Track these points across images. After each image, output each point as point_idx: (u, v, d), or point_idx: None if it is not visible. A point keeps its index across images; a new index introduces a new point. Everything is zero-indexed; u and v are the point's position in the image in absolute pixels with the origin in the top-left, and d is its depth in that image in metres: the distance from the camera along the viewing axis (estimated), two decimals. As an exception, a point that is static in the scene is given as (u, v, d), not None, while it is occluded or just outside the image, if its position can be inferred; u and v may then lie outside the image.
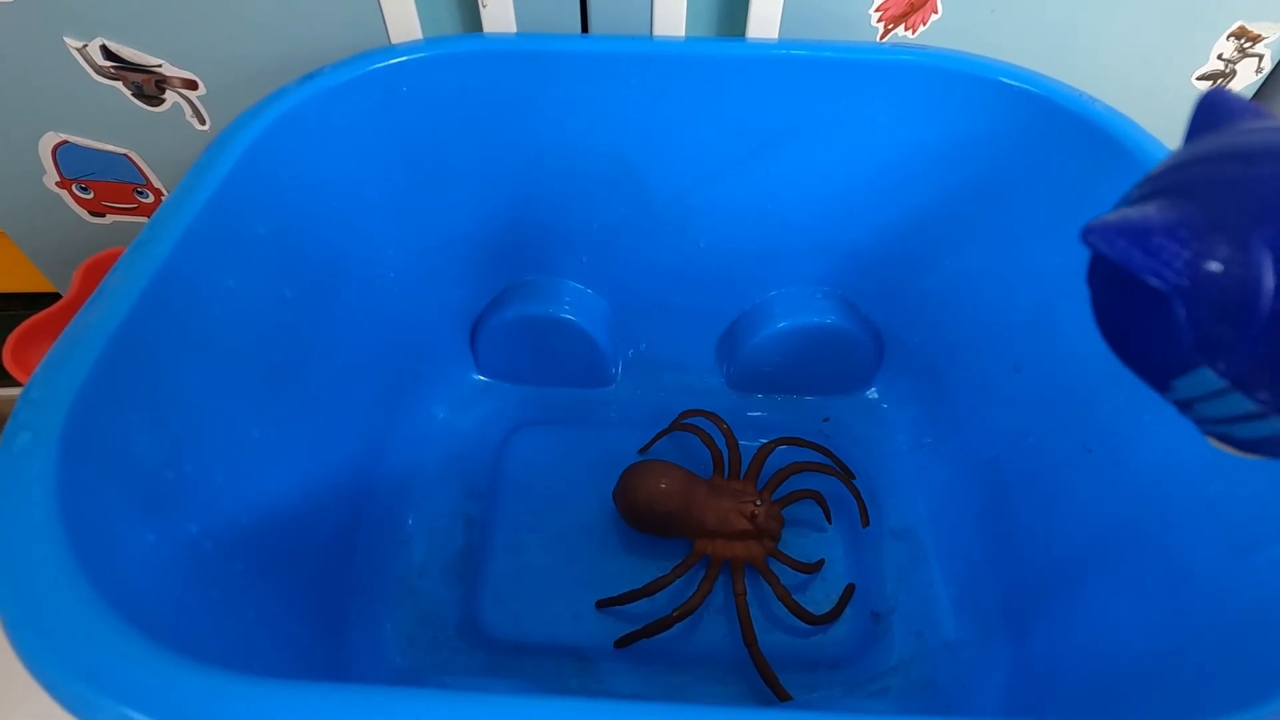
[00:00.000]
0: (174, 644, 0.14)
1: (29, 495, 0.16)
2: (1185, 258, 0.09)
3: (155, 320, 0.21)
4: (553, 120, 0.33)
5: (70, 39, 0.36)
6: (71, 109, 0.39)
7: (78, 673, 0.13)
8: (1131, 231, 0.09)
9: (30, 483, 0.16)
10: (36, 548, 0.15)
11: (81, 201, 0.44)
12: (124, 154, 0.41)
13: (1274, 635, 0.18)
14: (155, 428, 0.20)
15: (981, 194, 0.32)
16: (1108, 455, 0.26)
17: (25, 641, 0.14)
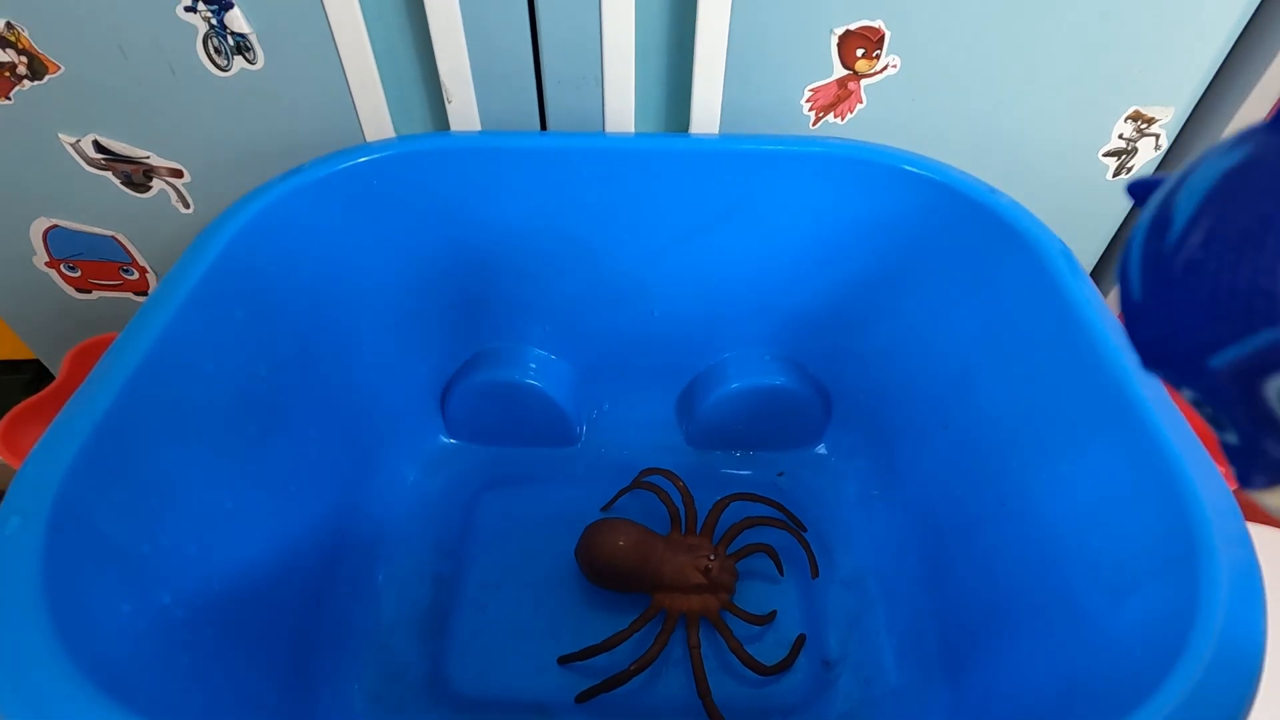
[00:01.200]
0: (146, 710, 0.16)
1: (16, 576, 0.17)
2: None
3: (137, 407, 0.23)
4: (515, 205, 0.36)
5: (65, 135, 0.38)
6: (63, 196, 0.41)
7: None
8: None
9: (18, 564, 0.18)
10: (21, 625, 0.17)
11: (69, 280, 0.46)
12: (112, 236, 0.44)
13: (1146, 660, 0.20)
14: (134, 506, 0.22)
15: (902, 266, 0.35)
16: (1018, 508, 0.28)
17: (11, 712, 0.15)
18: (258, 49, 0.35)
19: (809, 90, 0.39)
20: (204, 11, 0.34)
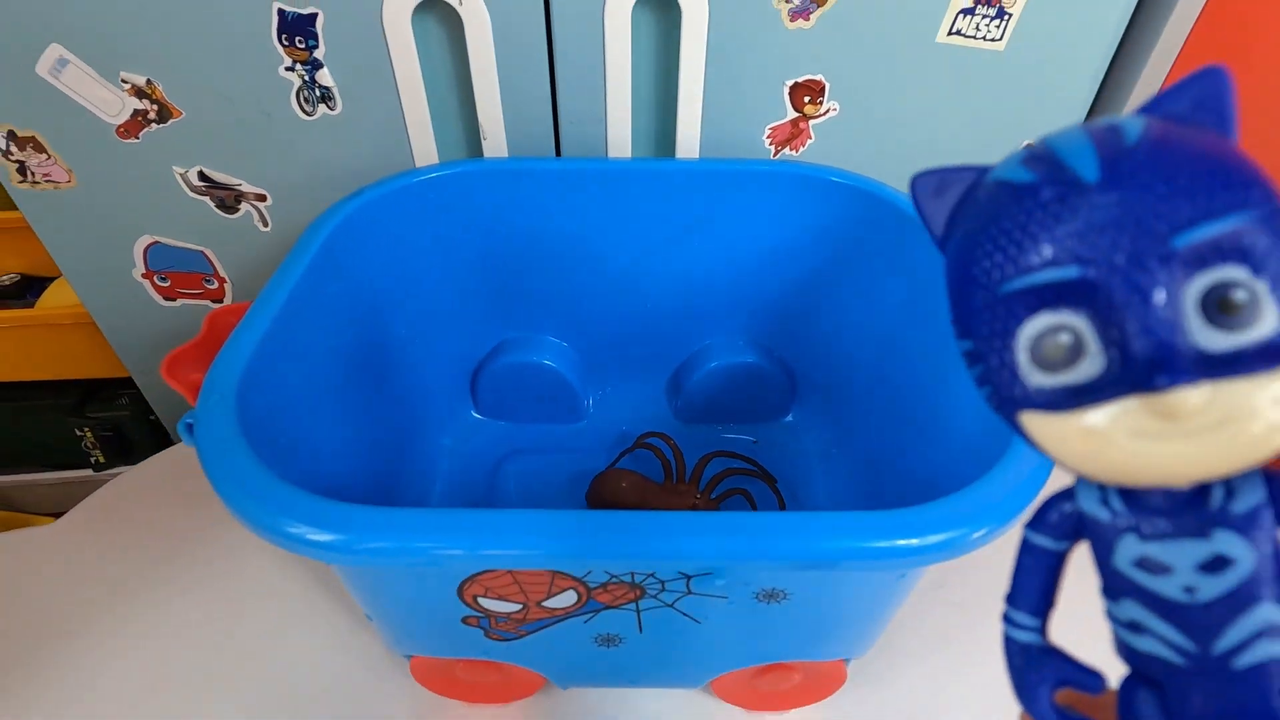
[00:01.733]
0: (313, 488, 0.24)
1: (225, 423, 0.26)
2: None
3: (275, 344, 0.31)
4: (535, 216, 0.46)
5: (177, 167, 0.48)
6: (166, 218, 0.51)
7: (261, 508, 0.23)
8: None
9: (224, 416, 0.26)
10: (231, 450, 0.25)
11: (159, 289, 0.55)
12: (200, 250, 0.53)
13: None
14: (278, 408, 0.31)
15: (839, 259, 0.45)
16: (932, 433, 0.37)
17: (236, 501, 0.24)
18: (338, 98, 0.46)
19: (769, 129, 0.49)
20: (300, 70, 0.44)
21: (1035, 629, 0.11)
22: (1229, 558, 0.08)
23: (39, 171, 0.48)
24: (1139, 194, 0.08)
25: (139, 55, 0.43)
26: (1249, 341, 0.08)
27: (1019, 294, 0.09)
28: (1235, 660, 0.08)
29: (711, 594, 0.28)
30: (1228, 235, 0.08)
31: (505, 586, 0.28)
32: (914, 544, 0.23)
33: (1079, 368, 0.09)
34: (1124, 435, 0.08)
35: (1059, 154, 0.09)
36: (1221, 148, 0.08)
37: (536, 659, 0.33)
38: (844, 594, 0.29)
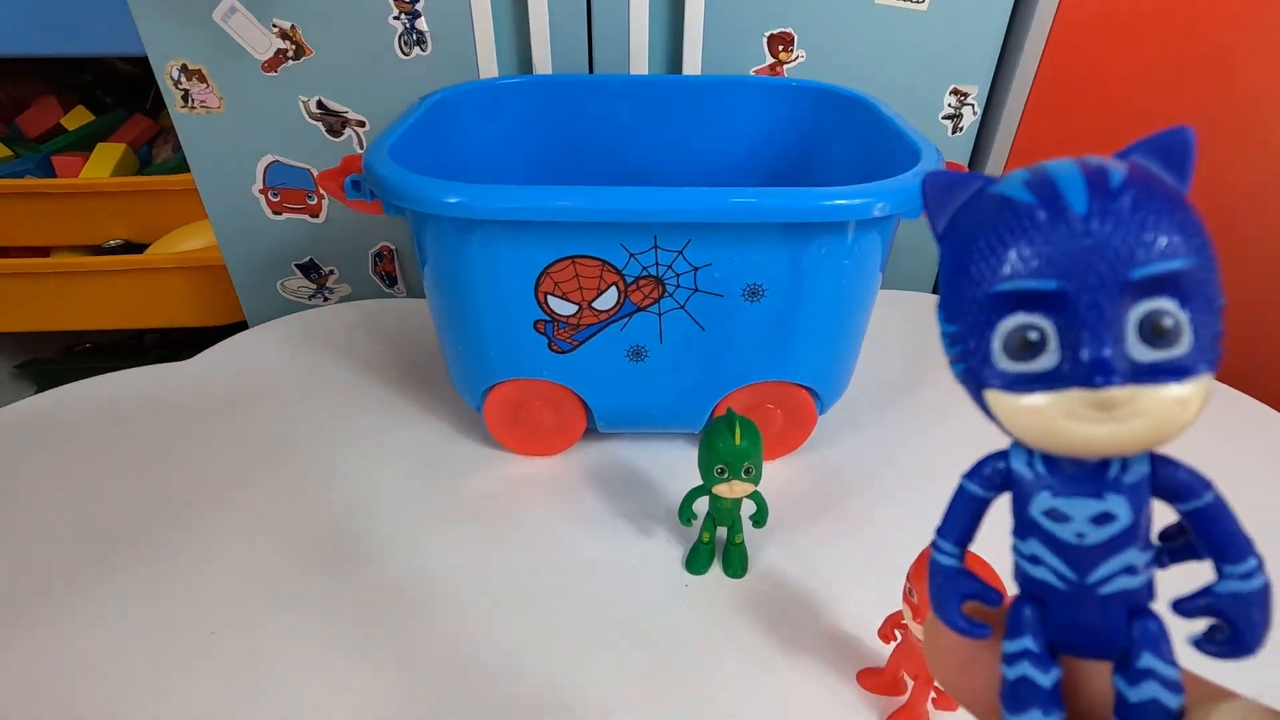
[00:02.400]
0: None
1: (380, 153, 0.39)
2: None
3: (400, 147, 0.45)
4: (573, 120, 0.60)
5: (302, 96, 0.63)
6: (286, 139, 0.65)
7: (420, 183, 0.36)
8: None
9: (378, 152, 0.39)
10: (389, 163, 0.38)
11: (270, 204, 0.69)
12: (307, 169, 0.67)
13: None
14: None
15: (812, 143, 0.59)
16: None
17: (398, 180, 0.36)
18: (429, 41, 0.61)
19: (753, 71, 0.65)
20: (403, 19, 0.60)
21: (956, 556, 0.13)
22: (1113, 514, 0.11)
23: (197, 99, 0.63)
24: (1114, 230, 0.09)
25: (288, 4, 0.59)
26: (1167, 358, 0.10)
27: (1005, 294, 0.10)
28: (1100, 589, 0.11)
29: (711, 291, 0.40)
30: (1170, 274, 0.09)
31: (568, 282, 0.40)
32: (827, 205, 0.35)
33: (1039, 360, 0.10)
34: (1061, 415, 0.10)
35: (1057, 184, 0.10)
36: (1179, 199, 0.10)
37: (582, 379, 0.44)
38: (807, 297, 0.41)
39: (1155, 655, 0.11)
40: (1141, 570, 0.11)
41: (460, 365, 0.46)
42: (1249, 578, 0.11)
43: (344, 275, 0.74)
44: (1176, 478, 0.11)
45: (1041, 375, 0.10)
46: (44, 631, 0.36)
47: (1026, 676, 0.12)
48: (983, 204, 0.11)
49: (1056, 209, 0.10)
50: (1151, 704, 0.11)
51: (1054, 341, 0.10)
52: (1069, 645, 0.12)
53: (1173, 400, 0.10)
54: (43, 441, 0.49)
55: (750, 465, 0.36)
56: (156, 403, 0.53)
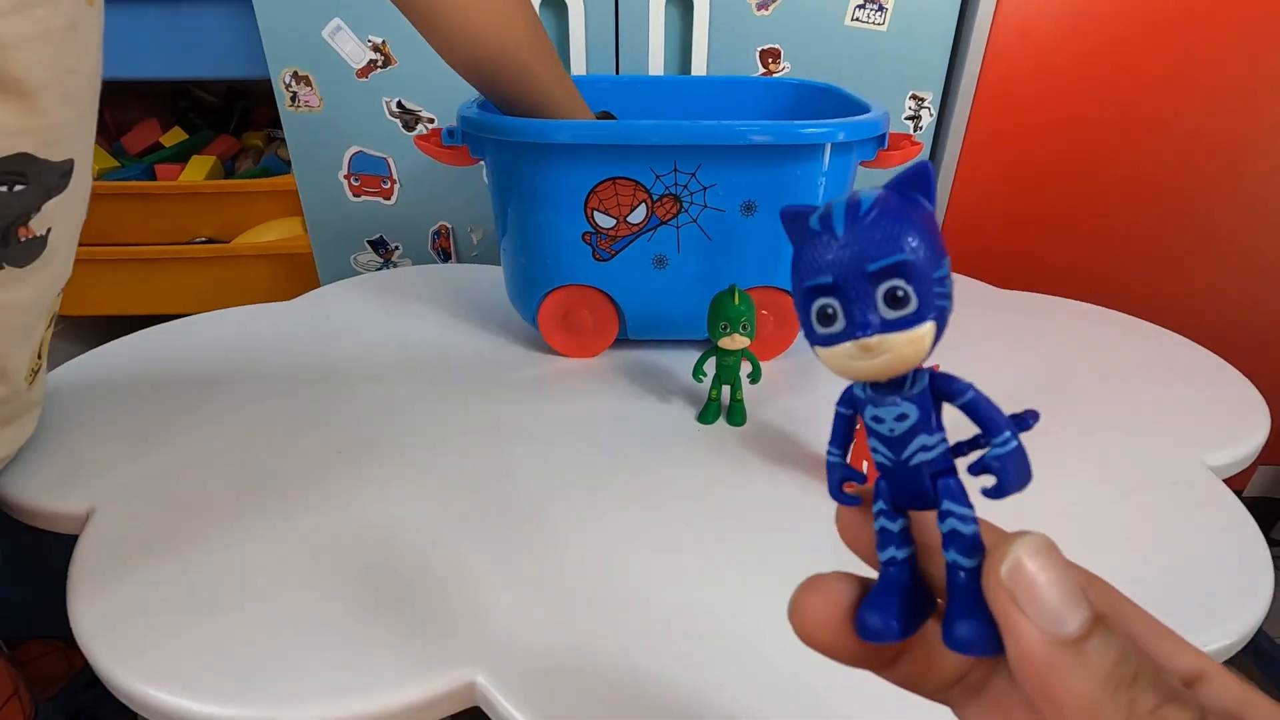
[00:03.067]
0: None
1: (470, 110, 0.53)
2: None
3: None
4: (605, 108, 0.75)
5: (386, 98, 0.78)
6: (369, 133, 0.80)
7: (493, 121, 0.50)
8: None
9: (469, 109, 0.53)
10: (474, 114, 0.52)
11: (352, 188, 0.83)
12: (385, 158, 0.82)
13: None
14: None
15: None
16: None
17: (478, 119, 0.50)
18: (489, 53, 0.76)
19: (747, 81, 0.80)
20: (470, 36, 0.76)
21: (839, 456, 0.18)
22: (907, 414, 0.16)
23: (303, 99, 0.78)
24: (858, 243, 0.15)
25: (382, 23, 0.75)
26: (901, 315, 0.15)
27: (810, 287, 0.15)
28: (909, 462, 0.16)
29: (716, 207, 0.53)
30: (893, 266, 0.14)
31: (609, 199, 0.53)
32: (805, 133, 0.49)
33: (833, 325, 0.15)
34: (845, 358, 0.15)
35: (831, 217, 0.15)
36: (907, 214, 0.15)
37: (617, 284, 0.57)
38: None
39: (952, 501, 0.16)
40: (934, 446, 0.16)
41: (521, 279, 0.59)
42: (1005, 444, 0.15)
43: (407, 250, 0.88)
44: (947, 386, 0.16)
45: (835, 335, 0.15)
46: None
47: (884, 526, 0.17)
48: (802, 229, 0.16)
49: (830, 231, 0.15)
50: (953, 533, 0.15)
51: (840, 313, 0.15)
52: (905, 503, 0.16)
53: (906, 341, 0.15)
54: (212, 358, 0.61)
55: (746, 322, 0.48)
56: (278, 335, 0.66)
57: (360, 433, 0.51)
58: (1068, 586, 0.13)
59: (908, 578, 0.17)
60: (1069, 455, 0.49)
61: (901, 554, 0.17)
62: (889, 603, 0.16)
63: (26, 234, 0.37)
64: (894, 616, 0.16)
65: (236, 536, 0.41)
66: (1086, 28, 0.77)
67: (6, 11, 0.31)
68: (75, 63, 0.36)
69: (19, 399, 0.44)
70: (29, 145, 0.34)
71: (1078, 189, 0.85)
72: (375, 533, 0.42)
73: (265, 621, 0.36)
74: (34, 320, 0.42)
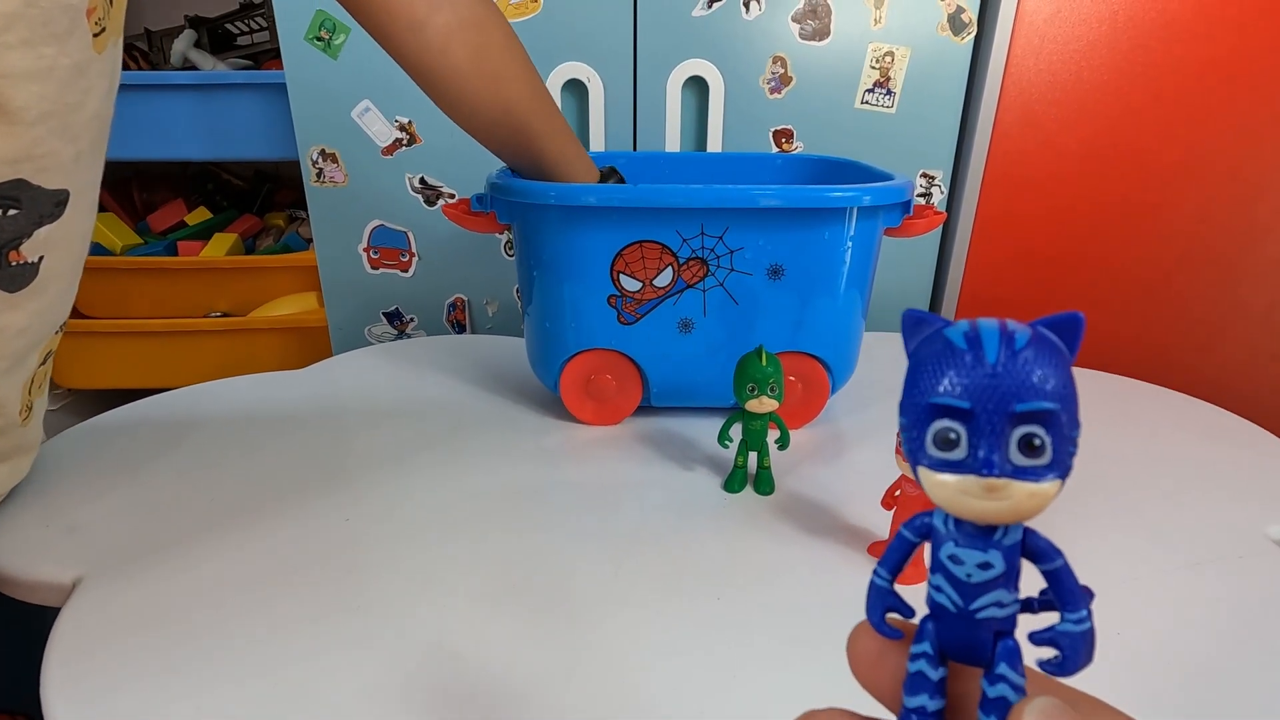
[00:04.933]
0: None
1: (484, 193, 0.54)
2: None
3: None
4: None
5: (409, 174, 0.80)
6: (391, 208, 0.82)
7: (504, 186, 0.51)
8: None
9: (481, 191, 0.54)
10: (496, 179, 0.53)
11: (371, 260, 0.84)
12: (405, 232, 0.83)
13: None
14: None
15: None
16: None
17: (502, 185, 0.51)
18: (512, 132, 0.79)
19: (762, 160, 0.82)
20: (494, 116, 0.78)
21: (888, 580, 0.17)
22: (992, 564, 0.15)
23: (328, 175, 0.80)
24: (1009, 377, 0.14)
25: (409, 106, 0.78)
26: (1033, 464, 0.14)
27: (937, 405, 0.14)
28: (978, 614, 0.15)
29: (743, 270, 0.53)
30: (1040, 413, 0.14)
31: (636, 262, 0.53)
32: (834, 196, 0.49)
33: (953, 452, 0.14)
34: (959, 491, 0.14)
35: (982, 338, 0.14)
36: (1060, 360, 0.14)
37: (641, 348, 0.56)
38: (817, 275, 0.53)
39: (1009, 667, 0.15)
40: (1008, 605, 0.15)
41: (544, 344, 0.58)
42: (1080, 624, 0.15)
43: (422, 323, 0.87)
44: (1039, 546, 0.15)
45: (953, 463, 0.14)
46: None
47: (922, 671, 0.16)
48: (936, 341, 0.15)
49: (978, 356, 0.14)
50: (1000, 700, 0.15)
51: (964, 441, 0.14)
52: (954, 652, 0.16)
53: (1029, 493, 0.14)
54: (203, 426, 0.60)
55: (774, 384, 0.47)
56: (284, 402, 0.64)
57: (371, 504, 0.48)
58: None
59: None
60: (1124, 525, 0.46)
61: (934, 705, 0.16)
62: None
63: (18, 259, 0.38)
64: None
65: (233, 613, 0.38)
66: (1092, 108, 0.80)
67: (14, 45, 0.32)
68: (78, 101, 0.37)
69: (12, 434, 0.43)
70: (25, 172, 0.36)
71: (1094, 264, 0.86)
72: (383, 615, 0.39)
73: (259, 709, 0.32)
74: (26, 349, 0.42)
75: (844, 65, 0.79)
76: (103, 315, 1.05)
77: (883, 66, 0.80)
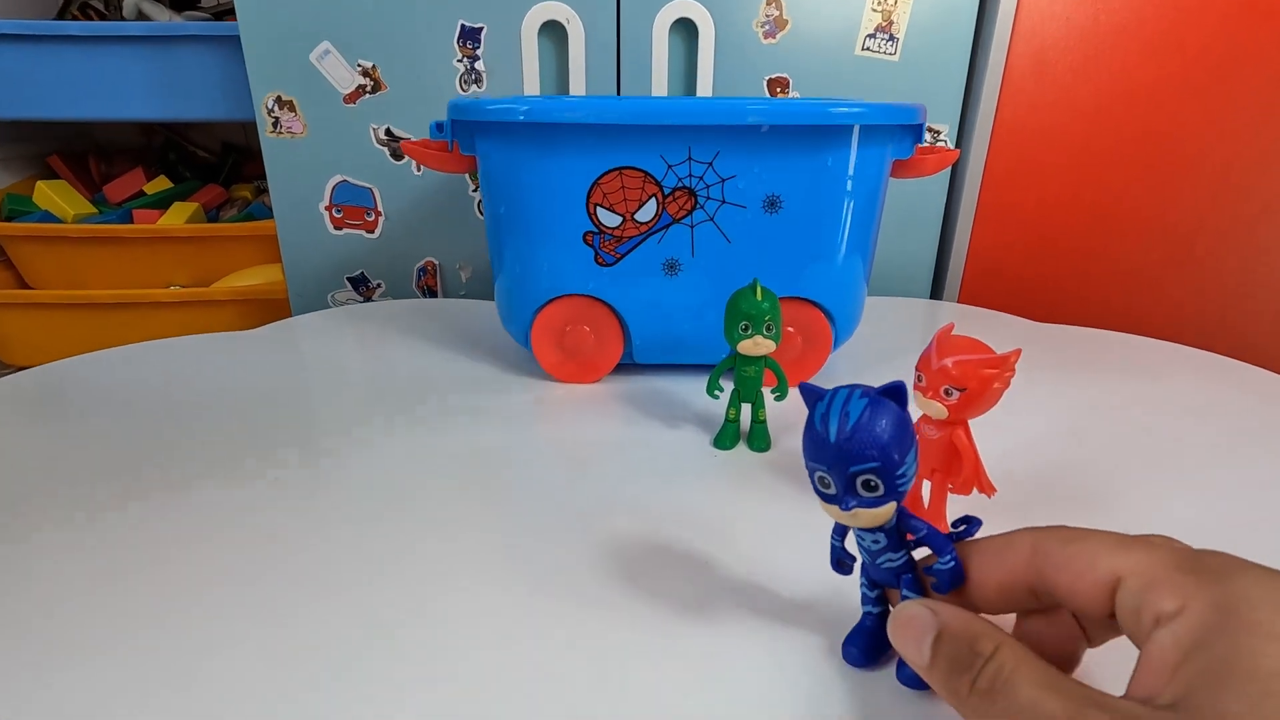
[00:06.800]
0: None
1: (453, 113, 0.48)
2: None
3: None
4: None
5: (374, 124, 0.74)
6: (355, 162, 0.75)
7: (485, 104, 0.45)
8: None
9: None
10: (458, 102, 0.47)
11: (334, 220, 0.78)
12: (369, 188, 0.77)
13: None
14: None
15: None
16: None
17: (468, 106, 0.45)
18: (485, 80, 0.73)
19: (755, 112, 0.76)
20: (465, 62, 0.72)
21: (839, 541, 0.27)
22: (879, 541, 0.24)
23: (285, 125, 0.74)
24: (845, 448, 0.21)
25: (372, 48, 0.72)
26: (872, 497, 0.22)
27: (812, 465, 0.23)
28: (881, 565, 0.24)
29: (736, 202, 0.47)
30: (870, 468, 0.21)
31: (615, 193, 0.47)
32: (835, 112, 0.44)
33: (828, 490, 0.22)
34: (835, 515, 0.23)
35: (829, 421, 0.22)
36: (886, 421, 0.22)
37: (622, 294, 0.50)
38: (818, 208, 0.47)
39: (908, 589, 0.24)
40: (897, 559, 0.24)
41: (512, 291, 0.52)
42: (946, 564, 0.23)
43: (390, 289, 0.81)
44: (909, 524, 0.24)
45: (829, 496, 0.23)
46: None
47: (864, 593, 0.26)
48: (811, 416, 0.23)
49: (826, 433, 0.22)
50: (903, 605, 0.23)
51: (832, 484, 0.22)
52: (879, 582, 0.26)
53: (872, 515, 0.22)
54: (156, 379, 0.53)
55: (770, 322, 0.41)
56: (247, 363, 0.58)
57: (322, 470, 0.42)
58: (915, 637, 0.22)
59: (878, 625, 0.26)
60: (1193, 493, 0.41)
61: (876, 609, 0.26)
62: (861, 641, 0.27)
63: None
64: (860, 649, 0.27)
65: (183, 607, 0.31)
66: (1109, 53, 0.74)
67: None
68: None
69: None
70: None
71: (1113, 223, 0.80)
72: (327, 581, 0.32)
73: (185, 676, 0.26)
74: None
75: (843, 8, 0.74)
76: (52, 287, 0.98)
77: (885, 10, 0.74)
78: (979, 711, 0.19)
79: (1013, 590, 0.22)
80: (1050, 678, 0.19)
